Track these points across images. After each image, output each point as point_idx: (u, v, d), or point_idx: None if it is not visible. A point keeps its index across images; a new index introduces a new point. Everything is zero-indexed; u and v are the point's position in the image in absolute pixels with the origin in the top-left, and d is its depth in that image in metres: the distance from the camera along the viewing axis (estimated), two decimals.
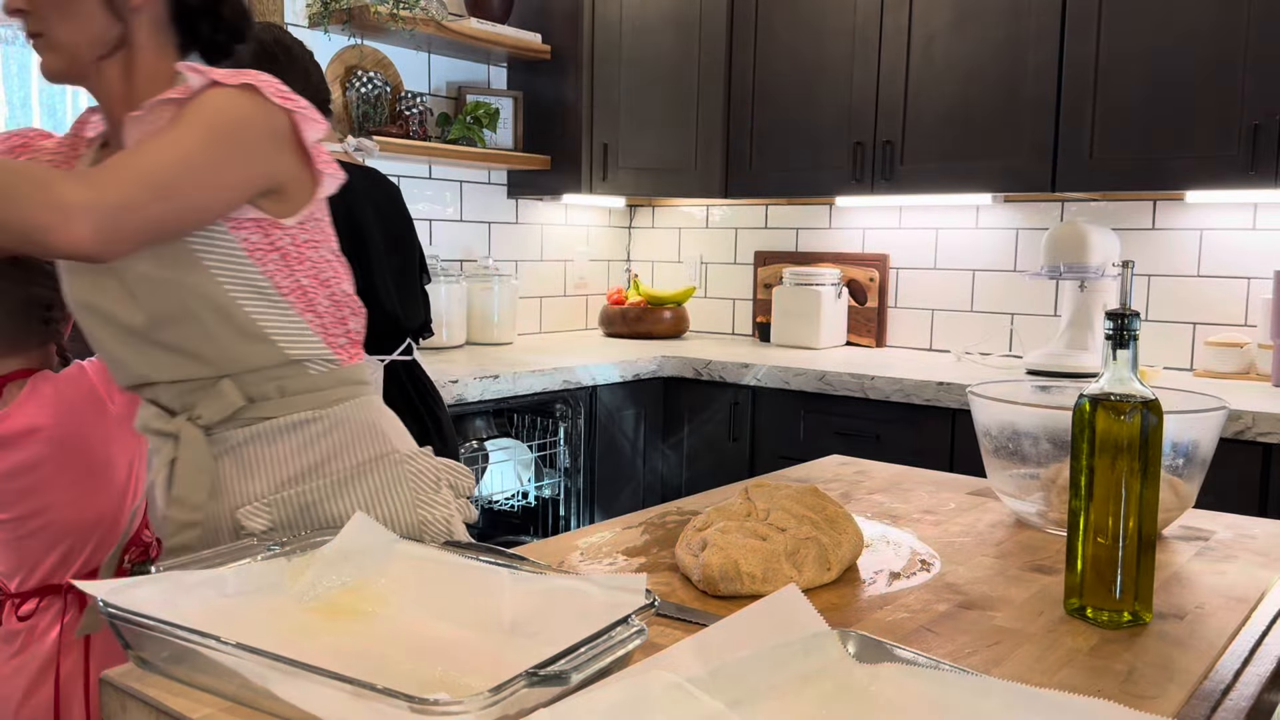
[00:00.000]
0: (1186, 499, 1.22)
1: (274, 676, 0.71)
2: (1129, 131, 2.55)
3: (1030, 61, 2.69)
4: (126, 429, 1.57)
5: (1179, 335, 2.84)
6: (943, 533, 1.27)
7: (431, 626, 0.84)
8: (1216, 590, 1.06)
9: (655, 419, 3.04)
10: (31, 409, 1.49)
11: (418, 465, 1.29)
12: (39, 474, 1.50)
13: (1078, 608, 0.97)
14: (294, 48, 1.99)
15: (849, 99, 3.01)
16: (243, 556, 0.96)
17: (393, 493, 1.25)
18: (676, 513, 1.35)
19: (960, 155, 2.83)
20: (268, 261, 1.17)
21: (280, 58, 1.95)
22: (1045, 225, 3.00)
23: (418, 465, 1.29)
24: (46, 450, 1.50)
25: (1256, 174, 2.38)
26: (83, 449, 1.52)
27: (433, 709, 0.64)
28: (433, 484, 1.29)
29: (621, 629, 0.76)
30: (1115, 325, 0.96)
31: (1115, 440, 0.94)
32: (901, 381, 2.58)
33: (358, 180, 1.94)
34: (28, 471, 1.49)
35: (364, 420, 1.26)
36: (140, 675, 0.81)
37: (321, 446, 1.22)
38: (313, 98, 1.99)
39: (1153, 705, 0.78)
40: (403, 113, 3.02)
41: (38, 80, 2.64)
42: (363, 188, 1.93)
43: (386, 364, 1.96)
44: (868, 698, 0.74)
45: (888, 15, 2.93)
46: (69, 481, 1.52)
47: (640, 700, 0.68)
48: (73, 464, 1.52)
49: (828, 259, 3.45)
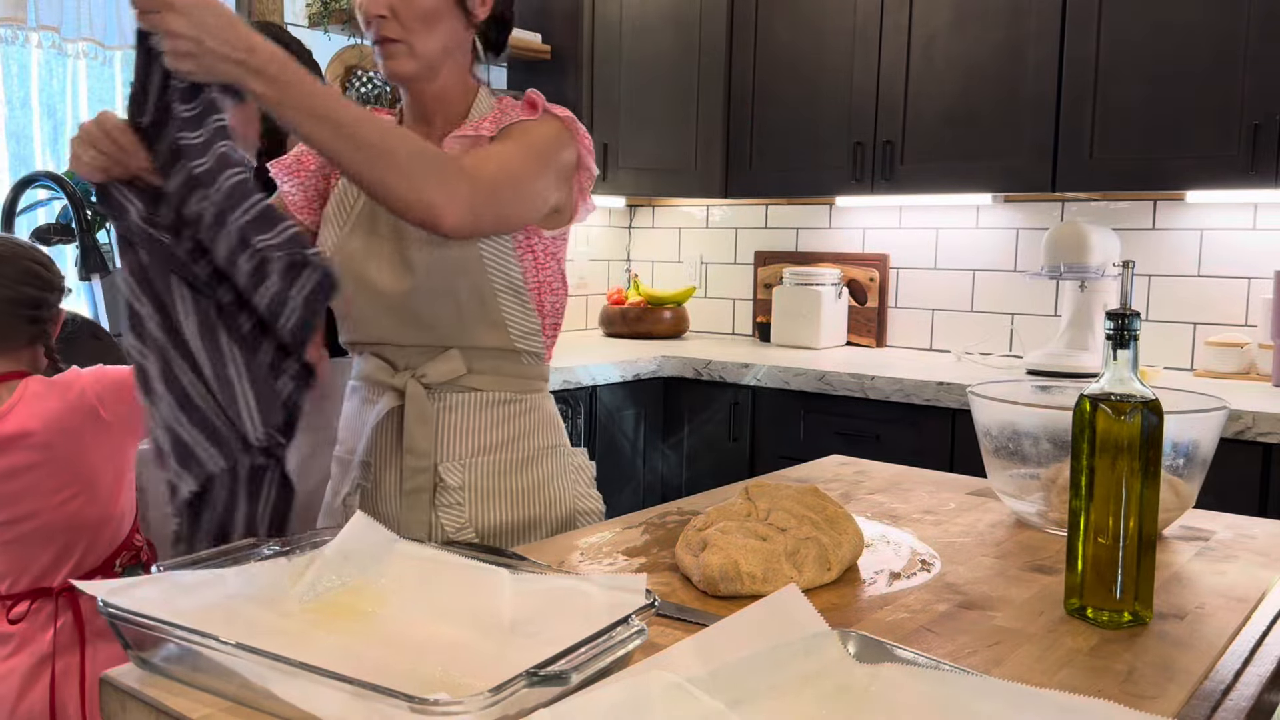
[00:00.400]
0: (1187, 499, 1.22)
1: (274, 676, 0.71)
2: (1129, 131, 2.55)
3: (1030, 61, 2.69)
4: (117, 436, 1.57)
5: (1179, 335, 2.84)
6: (943, 533, 1.27)
7: (431, 626, 0.84)
8: (1217, 590, 1.06)
9: (655, 419, 3.04)
10: (23, 413, 1.49)
11: (579, 460, 1.46)
12: (29, 478, 1.50)
13: (1078, 608, 0.97)
14: (291, 46, 1.99)
15: (849, 99, 3.01)
16: (243, 557, 0.96)
17: (560, 481, 1.41)
18: (676, 513, 1.34)
19: (960, 155, 2.83)
20: (525, 261, 1.35)
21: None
22: (1045, 225, 3.00)
23: (579, 460, 1.46)
24: (37, 456, 1.49)
25: (1256, 174, 2.38)
26: (72, 455, 1.52)
27: (433, 709, 0.64)
28: (589, 480, 1.47)
29: (621, 629, 0.76)
30: (1116, 325, 0.96)
31: (1116, 440, 0.93)
32: (901, 381, 2.58)
33: None
34: (17, 475, 1.49)
35: (548, 411, 1.43)
36: (140, 675, 0.81)
37: (515, 426, 1.37)
38: None
39: (1153, 705, 0.78)
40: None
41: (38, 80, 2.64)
42: None
43: None
44: (868, 698, 0.74)
45: (888, 15, 2.93)
46: (58, 486, 1.51)
47: (640, 700, 0.68)
48: (62, 469, 1.52)
49: (828, 259, 3.45)
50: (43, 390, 1.52)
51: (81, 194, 2.25)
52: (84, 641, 1.55)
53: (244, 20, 1.11)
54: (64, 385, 1.54)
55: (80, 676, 1.55)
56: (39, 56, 2.63)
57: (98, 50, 2.52)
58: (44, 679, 1.52)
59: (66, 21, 2.44)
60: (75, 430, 1.52)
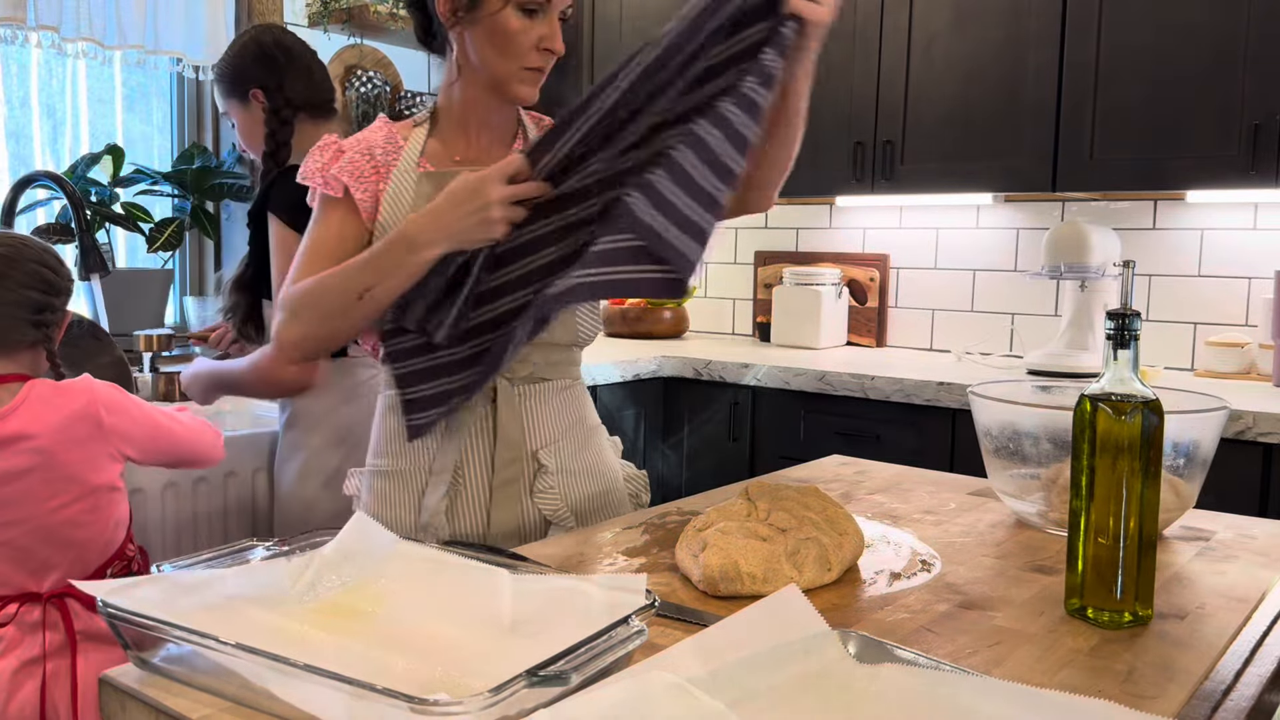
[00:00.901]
0: (1187, 499, 1.22)
1: (274, 677, 0.71)
2: (1129, 131, 2.55)
3: (1031, 61, 2.69)
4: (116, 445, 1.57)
5: (1180, 335, 2.84)
6: (943, 533, 1.27)
7: (431, 626, 0.84)
8: (1217, 590, 1.06)
9: (655, 419, 3.04)
10: (26, 416, 1.49)
11: (613, 439, 1.56)
12: (25, 482, 1.49)
13: (1078, 608, 0.97)
14: (294, 48, 1.99)
15: (849, 99, 3.01)
16: (243, 557, 0.96)
17: (609, 454, 1.51)
18: (676, 513, 1.34)
19: (961, 155, 2.83)
20: None
21: (279, 59, 1.95)
22: (1046, 225, 3.00)
23: (613, 439, 1.56)
24: (35, 460, 1.49)
25: (1257, 174, 2.38)
26: (71, 461, 1.52)
27: (433, 709, 0.63)
28: (619, 452, 1.56)
29: (621, 629, 0.76)
30: (1116, 325, 0.95)
31: (1116, 440, 0.93)
32: (902, 381, 2.58)
33: None
34: (13, 479, 1.48)
35: (587, 394, 1.53)
36: (140, 675, 0.81)
37: (576, 408, 1.46)
38: (314, 96, 1.99)
39: (1153, 705, 0.78)
40: (402, 112, 3.02)
41: (38, 80, 2.64)
42: None
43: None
44: (868, 698, 0.74)
45: (888, 15, 2.93)
46: (53, 492, 1.51)
47: (640, 700, 0.68)
48: (59, 475, 1.51)
49: (828, 259, 3.45)
50: (49, 394, 1.52)
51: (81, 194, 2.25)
52: (75, 646, 1.55)
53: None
54: (73, 392, 1.54)
55: (72, 680, 1.54)
56: (38, 56, 2.63)
57: (97, 50, 2.52)
58: (33, 682, 1.52)
59: (66, 21, 2.44)
60: (78, 438, 1.52)
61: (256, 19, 2.85)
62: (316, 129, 1.98)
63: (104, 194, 2.61)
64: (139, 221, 2.67)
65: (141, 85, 2.86)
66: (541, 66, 1.36)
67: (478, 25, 1.33)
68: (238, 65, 1.97)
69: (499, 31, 1.32)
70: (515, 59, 1.33)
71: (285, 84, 1.94)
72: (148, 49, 2.61)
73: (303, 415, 1.93)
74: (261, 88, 1.94)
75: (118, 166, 2.65)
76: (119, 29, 2.55)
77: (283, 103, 1.94)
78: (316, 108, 1.99)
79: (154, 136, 2.91)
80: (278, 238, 1.85)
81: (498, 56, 1.33)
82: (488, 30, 1.32)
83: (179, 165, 2.79)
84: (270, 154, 1.95)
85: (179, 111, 2.92)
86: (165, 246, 2.68)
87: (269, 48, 1.96)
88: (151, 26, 2.62)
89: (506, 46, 1.32)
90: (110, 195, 2.63)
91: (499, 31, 1.32)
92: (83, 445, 1.52)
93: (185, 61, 2.71)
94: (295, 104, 1.95)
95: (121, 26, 2.56)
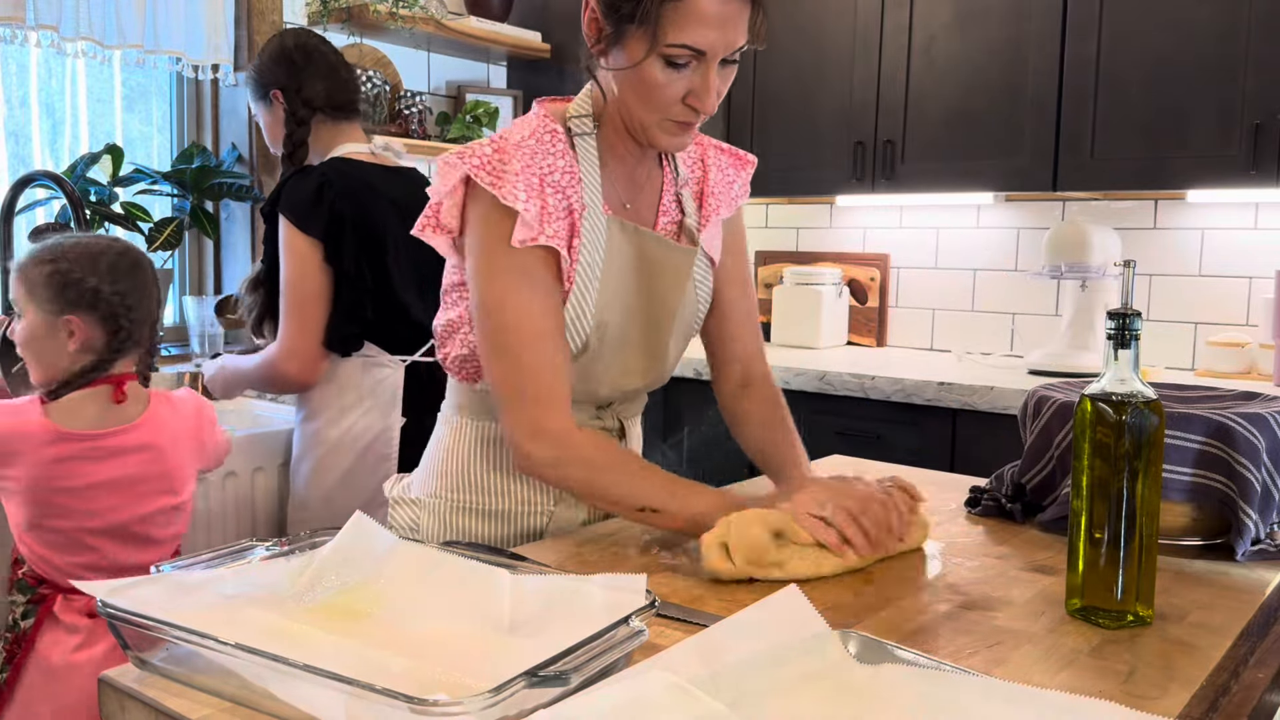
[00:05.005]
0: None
1: (274, 677, 0.71)
2: (1130, 131, 2.55)
3: (1031, 61, 2.69)
4: (205, 460, 1.69)
5: (1180, 335, 2.84)
6: (943, 533, 1.27)
7: (431, 626, 0.84)
8: (1218, 590, 1.06)
9: (655, 419, 3.04)
10: (152, 426, 1.57)
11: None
12: (136, 486, 1.56)
13: (1079, 608, 0.97)
14: (314, 51, 2.02)
15: (850, 98, 3.00)
16: (243, 557, 0.95)
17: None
18: None
19: (961, 154, 2.82)
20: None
21: (297, 60, 1.99)
22: (1046, 225, 3.00)
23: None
24: (150, 468, 1.57)
25: (1258, 173, 2.38)
26: (171, 470, 1.60)
27: (433, 709, 0.63)
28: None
29: (621, 629, 0.76)
30: (1117, 325, 0.95)
31: (1116, 440, 0.93)
32: (902, 381, 2.57)
33: (378, 180, 1.96)
34: (126, 483, 1.53)
35: None
36: (140, 675, 0.81)
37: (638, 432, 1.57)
38: (334, 97, 2.00)
39: (1154, 706, 0.78)
40: (402, 112, 3.02)
41: (37, 79, 2.64)
42: (383, 187, 1.95)
43: (408, 364, 1.97)
44: (868, 698, 0.74)
45: (888, 15, 2.93)
46: (153, 496, 1.57)
47: (640, 701, 0.68)
48: (160, 482, 1.59)
49: (828, 258, 3.44)
50: (167, 406, 1.61)
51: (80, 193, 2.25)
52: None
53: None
54: (186, 407, 1.63)
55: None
56: (38, 56, 2.62)
57: (96, 49, 2.52)
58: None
59: (65, 21, 2.44)
60: (186, 452, 1.62)
61: (256, 18, 2.85)
62: (337, 128, 2.00)
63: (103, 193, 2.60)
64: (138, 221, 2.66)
65: (141, 85, 2.86)
66: (689, 121, 1.20)
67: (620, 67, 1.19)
68: (261, 67, 2.02)
69: (641, 81, 1.17)
70: (657, 111, 1.19)
71: (304, 85, 1.97)
72: (147, 48, 2.61)
73: (317, 413, 1.94)
74: (281, 89, 1.97)
75: (117, 166, 2.65)
76: (118, 28, 2.55)
77: (300, 104, 1.97)
78: (337, 108, 2.01)
79: (153, 136, 2.91)
80: (286, 239, 1.86)
81: (638, 103, 1.20)
82: (629, 75, 1.18)
83: (178, 165, 2.79)
84: (288, 154, 1.97)
85: (178, 111, 2.92)
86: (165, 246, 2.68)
87: (289, 50, 2.00)
88: (151, 26, 2.61)
89: (649, 97, 1.18)
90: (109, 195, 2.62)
91: (641, 81, 1.17)
92: (186, 458, 1.63)
93: (185, 61, 2.71)
94: (313, 105, 1.98)
95: (121, 26, 2.55)
